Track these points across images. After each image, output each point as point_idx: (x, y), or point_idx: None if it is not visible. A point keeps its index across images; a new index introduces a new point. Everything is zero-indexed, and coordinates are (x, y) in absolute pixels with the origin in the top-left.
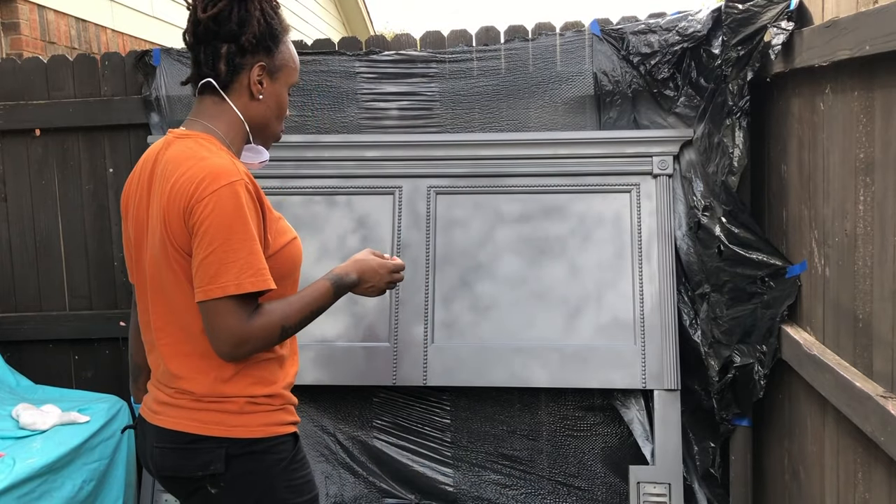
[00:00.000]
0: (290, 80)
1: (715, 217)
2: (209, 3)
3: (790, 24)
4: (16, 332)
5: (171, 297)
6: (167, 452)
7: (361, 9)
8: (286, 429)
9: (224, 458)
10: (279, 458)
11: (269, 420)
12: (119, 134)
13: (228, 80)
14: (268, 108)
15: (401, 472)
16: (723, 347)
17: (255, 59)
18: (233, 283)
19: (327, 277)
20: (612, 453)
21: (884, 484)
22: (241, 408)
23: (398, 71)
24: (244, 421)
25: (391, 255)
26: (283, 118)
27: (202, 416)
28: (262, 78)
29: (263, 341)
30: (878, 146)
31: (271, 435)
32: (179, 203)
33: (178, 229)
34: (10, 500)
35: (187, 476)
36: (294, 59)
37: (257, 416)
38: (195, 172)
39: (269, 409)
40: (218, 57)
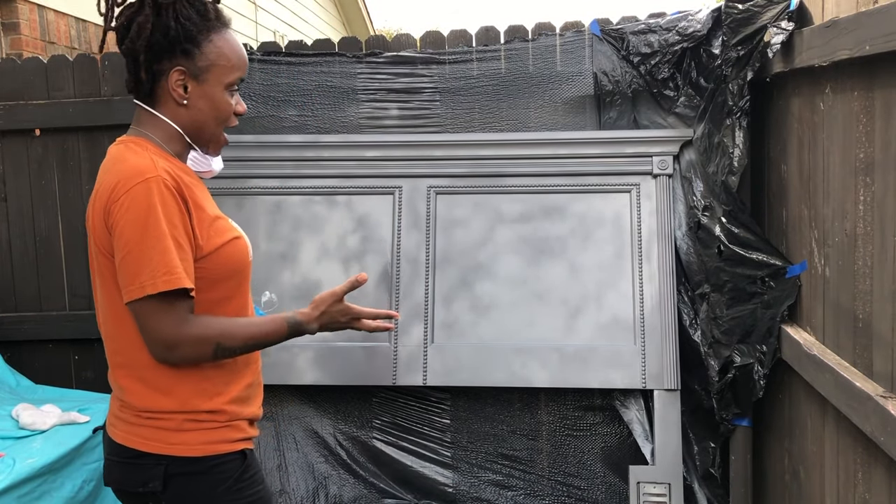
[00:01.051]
0: (224, 80)
1: (715, 217)
2: (115, 15)
3: (790, 24)
4: (16, 332)
5: (106, 305)
6: (113, 465)
7: (361, 9)
8: (232, 446)
9: (162, 477)
10: (223, 477)
11: (212, 438)
12: (119, 134)
13: (149, 87)
14: (198, 111)
15: (400, 472)
16: (723, 347)
17: (172, 63)
18: (149, 282)
19: (287, 319)
20: (612, 453)
21: (884, 484)
22: (179, 425)
23: (398, 71)
24: (183, 438)
25: (391, 255)
26: (222, 119)
27: (142, 431)
28: (183, 82)
29: (195, 351)
30: (878, 146)
31: (213, 454)
32: (99, 208)
33: (101, 232)
34: (10, 500)
35: (131, 491)
36: (229, 56)
37: (198, 434)
38: (112, 175)
39: (212, 426)
40: (138, 66)
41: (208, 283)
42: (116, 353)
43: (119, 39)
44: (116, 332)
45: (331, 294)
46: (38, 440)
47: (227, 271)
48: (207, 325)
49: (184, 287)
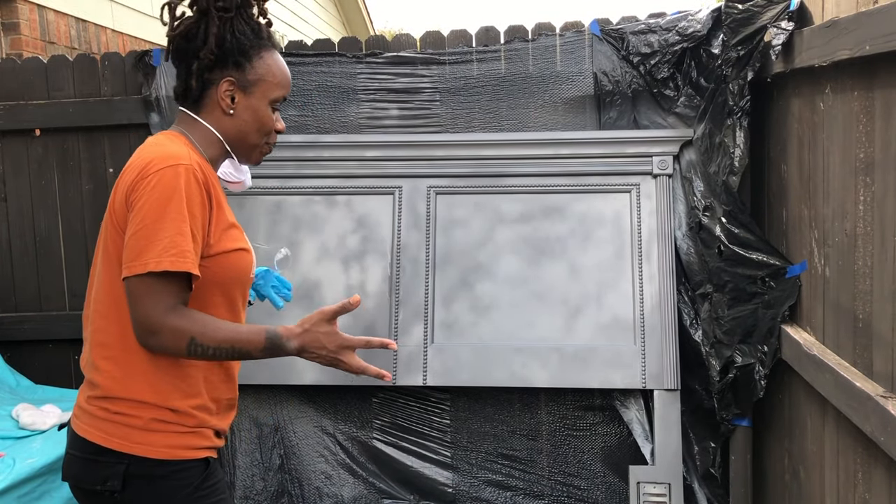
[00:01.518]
0: (270, 95)
1: (715, 217)
2: (176, 21)
3: (790, 24)
4: (16, 332)
5: (104, 281)
6: (73, 460)
7: (361, 9)
8: (195, 453)
9: (122, 476)
10: (183, 483)
11: (176, 442)
12: (119, 134)
13: (198, 94)
14: (243, 122)
15: (400, 472)
16: (724, 347)
17: (224, 74)
18: (153, 259)
19: (267, 330)
20: (612, 453)
21: (884, 484)
22: (146, 424)
23: (398, 71)
24: (148, 439)
25: (391, 255)
26: (264, 132)
27: (107, 426)
28: (231, 93)
29: (171, 342)
30: (878, 146)
31: (176, 458)
32: (127, 181)
33: (120, 207)
34: (10, 500)
35: (87, 488)
36: (276, 74)
37: (163, 436)
38: (146, 154)
39: (178, 429)
40: (189, 73)
41: (203, 284)
42: (100, 330)
43: (174, 47)
44: (108, 310)
45: (318, 312)
46: (38, 440)
47: (226, 278)
48: (189, 318)
49: (188, 272)
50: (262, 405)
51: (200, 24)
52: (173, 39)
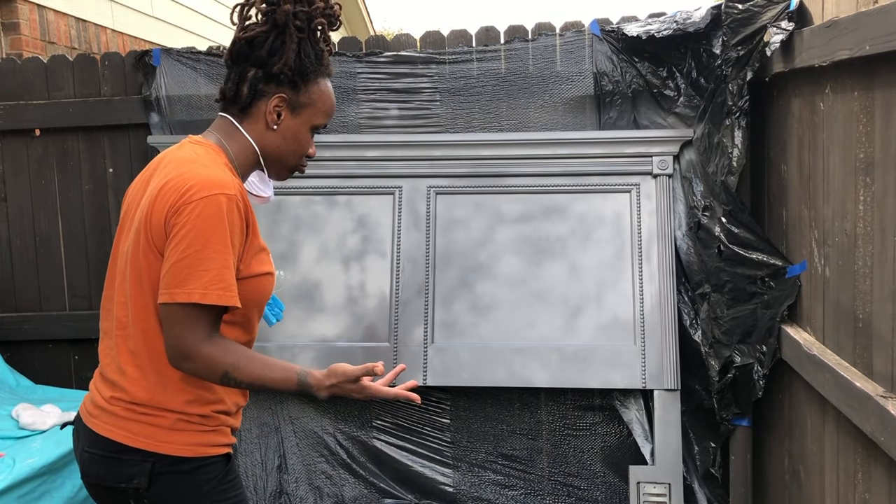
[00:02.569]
0: (314, 121)
1: (715, 217)
2: (248, 26)
3: (790, 24)
4: (16, 332)
5: (134, 291)
6: (94, 459)
7: (361, 9)
8: (217, 450)
9: (148, 474)
10: (208, 477)
11: (201, 440)
12: (119, 134)
13: (247, 103)
14: (284, 140)
15: (400, 472)
16: (723, 347)
17: (278, 89)
18: (199, 290)
19: (299, 375)
20: (612, 453)
21: (884, 484)
22: (172, 423)
23: (398, 71)
24: (174, 438)
25: (391, 256)
26: (301, 155)
27: (132, 426)
28: (280, 109)
29: (205, 370)
30: (878, 146)
31: (200, 455)
32: (168, 200)
33: (157, 226)
34: (10, 500)
35: (112, 486)
36: (325, 101)
37: (188, 435)
38: (191, 175)
39: (201, 429)
40: (243, 80)
41: None
42: (131, 338)
43: (235, 49)
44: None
45: (344, 373)
46: (38, 440)
47: (250, 300)
48: (224, 350)
49: (234, 306)
50: (263, 405)
51: (272, 35)
52: (237, 41)
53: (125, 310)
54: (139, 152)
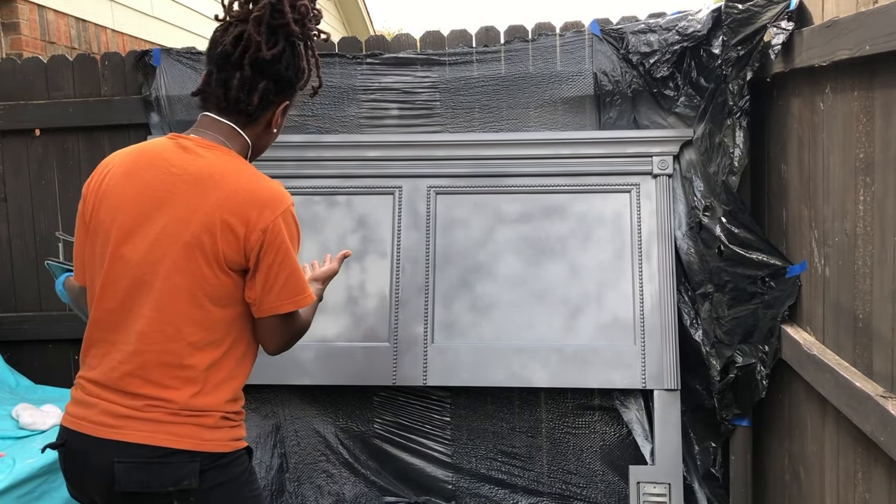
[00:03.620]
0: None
1: (715, 217)
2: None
3: (790, 24)
4: (16, 332)
5: (186, 307)
6: (135, 467)
7: (361, 9)
8: (243, 443)
9: (198, 473)
10: (242, 469)
11: (235, 435)
12: (119, 134)
13: (258, 113)
14: (273, 136)
15: (400, 470)
16: (724, 347)
17: (285, 98)
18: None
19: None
20: (612, 453)
21: (884, 484)
22: (216, 422)
23: (398, 71)
24: (217, 435)
25: (391, 256)
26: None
27: (177, 429)
28: (282, 112)
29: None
30: (878, 146)
31: (237, 449)
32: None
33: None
34: (10, 500)
35: (155, 491)
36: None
37: (227, 431)
38: (255, 190)
39: (233, 424)
40: (254, 90)
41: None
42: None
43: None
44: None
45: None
46: (38, 440)
47: None
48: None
49: None
50: (263, 404)
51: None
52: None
53: (158, 325)
54: None
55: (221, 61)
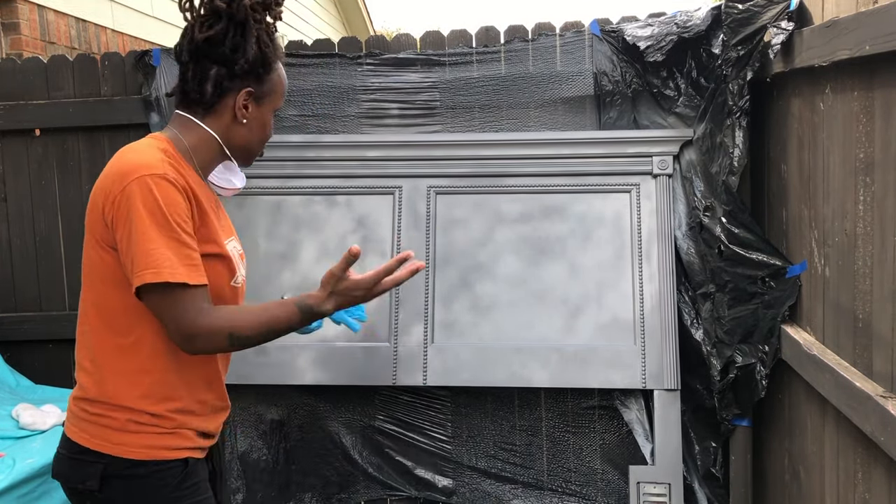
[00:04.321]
0: (275, 106)
1: (715, 217)
2: (205, 24)
3: (790, 24)
4: (16, 332)
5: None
6: (60, 458)
7: (361, 8)
8: (173, 454)
9: (99, 476)
10: (161, 484)
11: (154, 443)
12: (119, 134)
13: (213, 101)
14: (250, 131)
15: (402, 466)
16: (725, 347)
17: (244, 84)
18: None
19: (297, 303)
20: (612, 452)
21: (884, 484)
22: (122, 425)
23: (398, 71)
24: (125, 440)
25: (391, 256)
26: (265, 140)
27: (89, 427)
28: (247, 103)
29: (211, 343)
30: (878, 146)
31: (153, 458)
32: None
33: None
34: (10, 500)
35: (71, 486)
36: (283, 85)
37: (140, 437)
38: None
39: (155, 430)
40: (206, 78)
41: None
42: (83, 334)
43: (193, 48)
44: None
45: (329, 276)
46: (38, 440)
47: None
48: (218, 317)
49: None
50: (266, 403)
51: (230, 30)
52: (195, 40)
53: (83, 307)
54: None
55: (175, 57)
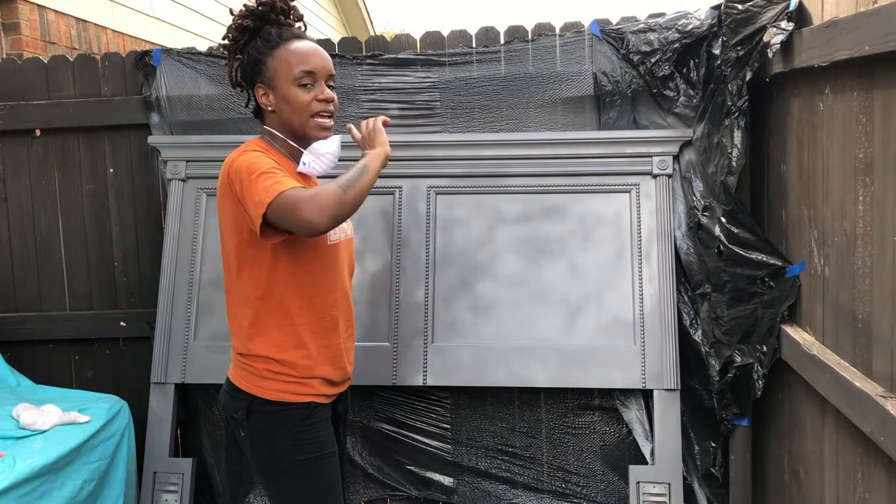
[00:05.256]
0: (290, 77)
1: (714, 217)
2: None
3: (790, 24)
4: (16, 332)
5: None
6: (222, 393)
7: (361, 9)
8: (299, 398)
9: (245, 409)
10: (287, 419)
11: (283, 388)
12: (119, 134)
13: (255, 107)
14: (282, 110)
15: (402, 466)
16: (724, 347)
17: (255, 84)
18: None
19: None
20: (612, 453)
21: (883, 484)
22: (261, 373)
23: (398, 71)
24: (263, 384)
25: (391, 256)
26: (302, 110)
27: (241, 372)
28: (265, 94)
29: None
30: (878, 146)
31: (282, 400)
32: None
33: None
34: (11, 500)
35: (228, 415)
36: (290, 59)
37: (273, 383)
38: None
39: (285, 378)
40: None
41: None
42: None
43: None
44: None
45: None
46: (38, 440)
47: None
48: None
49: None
50: None
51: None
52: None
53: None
54: (139, 152)
55: None
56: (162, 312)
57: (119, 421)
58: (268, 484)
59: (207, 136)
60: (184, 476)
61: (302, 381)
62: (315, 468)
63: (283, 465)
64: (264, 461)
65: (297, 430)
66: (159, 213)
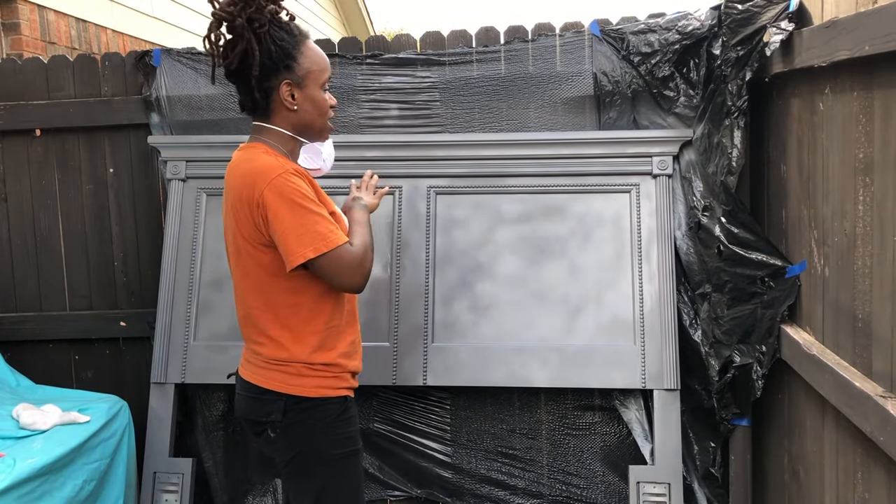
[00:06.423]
0: (319, 81)
1: (715, 217)
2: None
3: (790, 24)
4: (16, 332)
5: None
6: (241, 398)
7: (361, 9)
8: (336, 392)
9: (282, 410)
10: (325, 415)
11: (321, 384)
12: (119, 134)
13: (265, 103)
14: (306, 112)
15: (402, 466)
16: (723, 347)
17: (280, 78)
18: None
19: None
20: (612, 453)
21: (883, 484)
22: (298, 370)
23: (398, 71)
24: (300, 382)
25: (391, 256)
26: (325, 114)
27: (270, 374)
28: (291, 92)
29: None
30: (878, 146)
31: (320, 396)
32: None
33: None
34: (11, 500)
35: (254, 419)
36: (318, 62)
37: (311, 380)
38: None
39: (322, 374)
40: (250, 89)
41: None
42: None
43: (226, 75)
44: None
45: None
46: (38, 440)
47: None
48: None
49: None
50: None
51: (238, 49)
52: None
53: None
54: (139, 153)
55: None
56: (162, 312)
57: (119, 421)
58: (302, 481)
59: (207, 136)
60: (184, 476)
61: (338, 376)
62: (348, 463)
63: (321, 461)
64: (300, 458)
65: (335, 426)
66: (159, 213)
